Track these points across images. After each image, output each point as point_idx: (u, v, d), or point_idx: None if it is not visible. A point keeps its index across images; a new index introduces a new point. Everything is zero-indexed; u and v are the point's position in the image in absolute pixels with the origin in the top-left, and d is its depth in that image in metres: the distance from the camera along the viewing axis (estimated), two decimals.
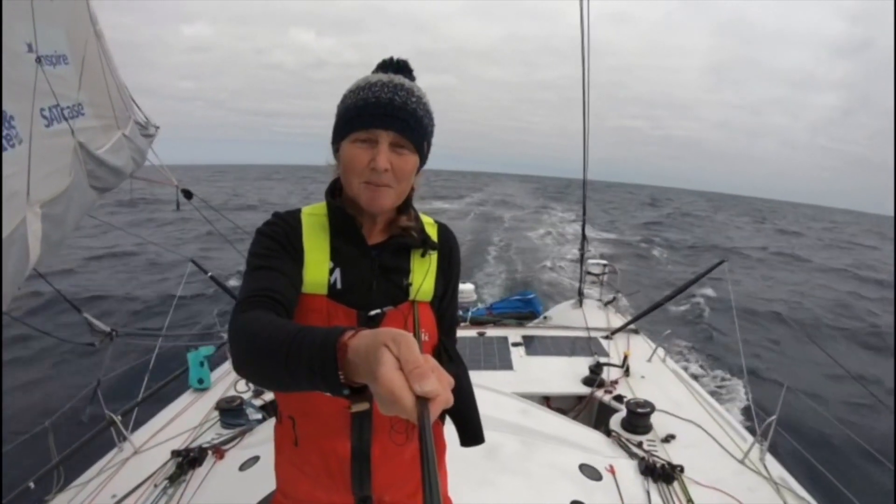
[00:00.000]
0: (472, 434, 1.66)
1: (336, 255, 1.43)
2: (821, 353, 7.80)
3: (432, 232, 1.56)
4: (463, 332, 6.19)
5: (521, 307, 7.67)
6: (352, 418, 1.45)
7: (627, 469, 3.17)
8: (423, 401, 0.69)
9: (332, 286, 1.41)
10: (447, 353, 1.57)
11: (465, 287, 8.04)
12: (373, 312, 1.42)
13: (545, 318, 7.32)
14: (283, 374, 0.93)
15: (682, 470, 3.14)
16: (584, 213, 7.32)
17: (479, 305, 7.93)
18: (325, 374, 0.84)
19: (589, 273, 7.66)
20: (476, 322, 6.92)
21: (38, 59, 2.16)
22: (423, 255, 1.51)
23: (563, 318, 7.03)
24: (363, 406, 0.85)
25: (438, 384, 0.71)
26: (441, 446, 1.78)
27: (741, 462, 3.36)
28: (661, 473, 3.08)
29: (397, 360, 0.72)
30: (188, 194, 4.62)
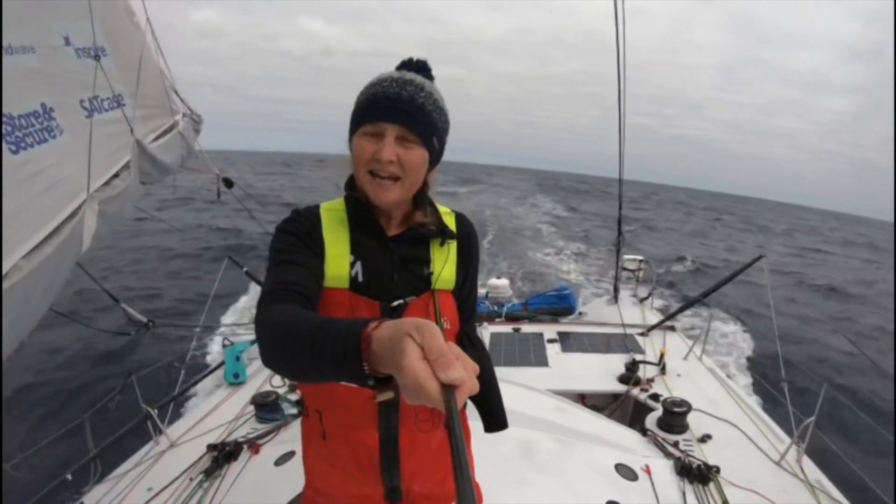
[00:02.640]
0: (496, 420, 1.68)
1: (356, 249, 1.44)
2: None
3: (450, 221, 1.57)
4: (498, 327, 6.22)
5: (557, 303, 7.61)
6: (378, 409, 1.47)
7: (663, 469, 3.13)
8: (449, 388, 0.69)
9: (353, 279, 1.42)
10: (469, 340, 1.59)
11: (501, 282, 8.01)
12: (395, 303, 1.43)
13: (580, 314, 7.29)
14: (308, 365, 0.93)
15: (718, 471, 3.10)
16: (620, 209, 7.24)
17: (515, 301, 7.89)
18: (349, 365, 0.84)
19: (624, 269, 7.63)
20: (511, 317, 6.90)
21: (78, 54, 2.19)
22: (441, 245, 1.52)
23: (598, 314, 7.02)
24: (388, 396, 0.85)
25: (464, 371, 0.71)
26: (466, 433, 1.75)
27: (777, 464, 3.31)
28: (698, 474, 3.04)
29: (421, 350, 0.72)
30: (229, 183, 4.61)
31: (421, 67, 1.43)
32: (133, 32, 2.93)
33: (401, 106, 1.30)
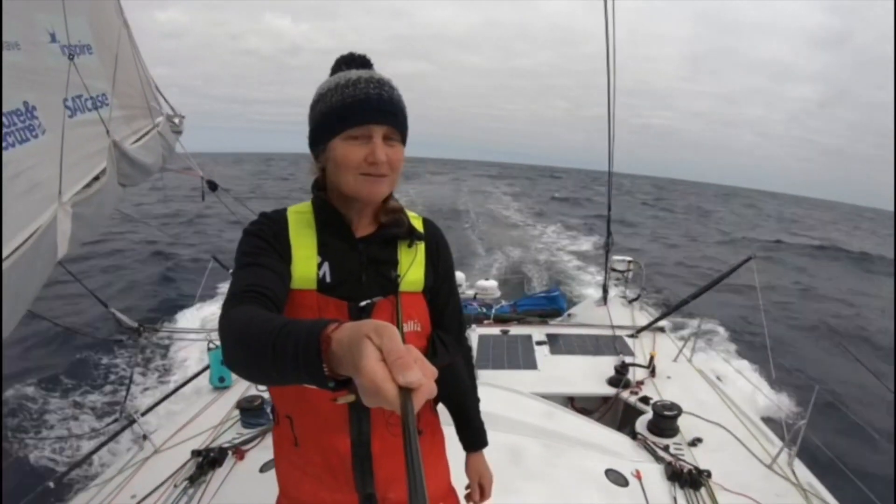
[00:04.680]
0: (472, 436, 1.81)
1: (324, 250, 1.45)
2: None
3: (418, 225, 1.59)
4: (487, 329, 6.19)
5: (546, 304, 7.64)
6: (350, 413, 1.47)
7: (654, 474, 3.12)
8: (406, 391, 0.69)
9: (321, 280, 1.43)
10: (442, 343, 1.58)
11: (489, 284, 8.01)
12: (363, 303, 1.44)
13: (569, 315, 7.30)
14: (269, 367, 0.92)
15: (709, 475, 3.09)
16: (609, 210, 7.24)
17: (503, 302, 7.89)
18: (309, 367, 0.83)
19: (613, 270, 7.63)
20: (500, 319, 6.90)
21: (67, 52, 2.14)
22: (409, 246, 1.54)
23: (587, 315, 7.01)
24: (349, 398, 0.84)
25: (422, 374, 0.70)
26: (438, 437, 1.79)
27: (769, 467, 3.30)
28: (689, 479, 3.04)
29: (380, 351, 0.72)
30: (213, 186, 4.58)
31: (366, 61, 1.45)
32: (121, 31, 2.88)
33: (385, 107, 1.33)
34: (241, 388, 4.23)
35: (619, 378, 4.64)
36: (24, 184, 1.88)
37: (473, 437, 1.84)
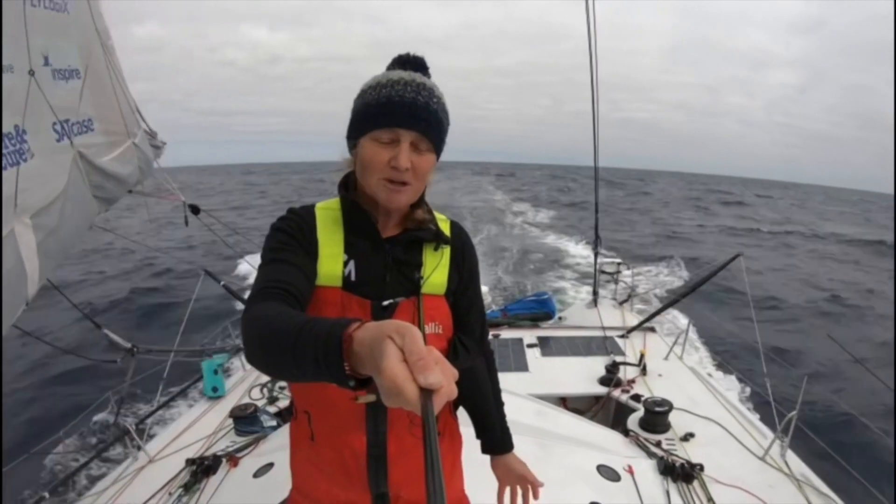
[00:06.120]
0: (493, 440, 1.77)
1: (350, 249, 1.44)
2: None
3: (445, 228, 1.57)
4: None
5: (536, 308, 7.64)
6: (367, 413, 1.47)
7: (646, 469, 3.14)
8: (426, 392, 0.69)
9: (346, 278, 1.42)
10: (464, 347, 1.57)
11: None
12: (386, 302, 1.43)
13: (560, 318, 7.29)
14: (290, 364, 0.93)
15: (701, 469, 3.10)
16: (597, 212, 7.26)
17: (493, 307, 7.89)
18: (330, 365, 0.83)
19: (603, 272, 7.65)
20: (491, 324, 6.89)
21: (55, 76, 2.16)
22: (435, 249, 1.52)
23: (578, 318, 7.02)
24: (369, 398, 0.84)
25: (442, 376, 0.70)
26: (457, 442, 1.79)
27: (762, 459, 3.32)
28: (681, 473, 3.05)
29: (401, 352, 0.72)
30: (195, 210, 4.58)
31: (420, 64, 1.41)
32: (102, 55, 2.87)
33: (417, 113, 1.29)
34: (235, 397, 4.26)
35: (610, 377, 4.68)
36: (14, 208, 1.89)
37: (500, 439, 1.82)
